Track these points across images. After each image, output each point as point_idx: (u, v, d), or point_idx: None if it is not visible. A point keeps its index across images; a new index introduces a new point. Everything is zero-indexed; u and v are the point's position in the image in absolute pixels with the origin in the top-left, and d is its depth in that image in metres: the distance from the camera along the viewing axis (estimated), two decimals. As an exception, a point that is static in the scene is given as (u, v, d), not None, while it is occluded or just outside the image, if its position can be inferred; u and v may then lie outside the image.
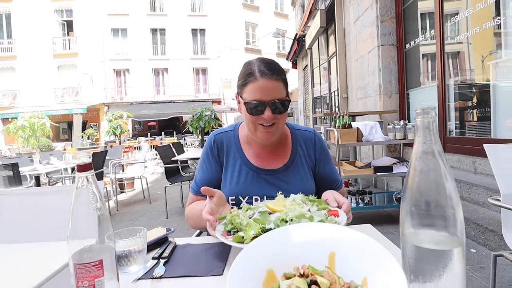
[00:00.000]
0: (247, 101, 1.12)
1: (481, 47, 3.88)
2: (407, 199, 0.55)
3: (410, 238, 0.54)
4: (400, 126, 3.37)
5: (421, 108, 0.53)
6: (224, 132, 1.30)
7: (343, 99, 7.34)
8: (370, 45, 5.52)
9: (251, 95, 1.11)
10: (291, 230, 0.67)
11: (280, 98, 1.11)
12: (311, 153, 1.29)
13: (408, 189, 0.55)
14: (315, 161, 1.29)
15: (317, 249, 0.62)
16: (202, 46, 23.63)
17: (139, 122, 24.29)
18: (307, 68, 12.81)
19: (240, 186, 1.19)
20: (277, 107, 1.11)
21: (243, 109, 1.15)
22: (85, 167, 0.67)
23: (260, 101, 1.10)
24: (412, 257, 0.54)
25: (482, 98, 3.91)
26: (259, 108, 1.10)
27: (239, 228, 0.89)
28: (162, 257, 0.90)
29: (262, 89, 1.09)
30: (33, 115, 9.48)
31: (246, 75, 1.13)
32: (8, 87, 22.03)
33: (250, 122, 1.15)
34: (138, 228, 0.90)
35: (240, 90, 1.17)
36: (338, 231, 0.64)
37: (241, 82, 1.15)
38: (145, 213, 4.87)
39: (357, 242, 0.59)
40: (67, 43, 22.61)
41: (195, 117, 6.70)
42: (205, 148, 1.29)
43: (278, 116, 1.13)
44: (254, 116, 1.12)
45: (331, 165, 1.33)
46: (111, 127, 9.77)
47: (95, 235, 0.67)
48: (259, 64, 1.13)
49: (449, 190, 0.52)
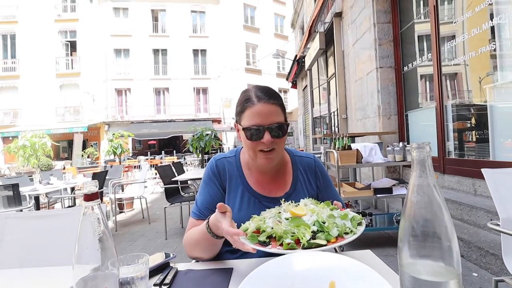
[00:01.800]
0: (245, 127, 1.13)
1: (478, 68, 3.96)
2: (404, 230, 0.57)
3: (408, 268, 0.55)
4: (399, 148, 3.40)
5: (416, 144, 0.56)
6: (226, 157, 1.30)
7: (342, 119, 7.41)
8: (368, 67, 5.64)
9: (249, 120, 1.12)
10: (291, 258, 0.68)
11: (278, 122, 1.13)
12: (312, 181, 1.30)
13: (405, 220, 0.57)
14: (317, 189, 1.30)
15: (318, 278, 0.63)
16: (203, 66, 24.03)
17: (139, 141, 24.36)
18: (306, 88, 12.99)
19: (243, 212, 1.19)
20: (276, 131, 1.12)
21: (242, 136, 1.17)
22: (91, 197, 0.69)
23: (259, 126, 1.11)
24: (409, 287, 0.55)
25: (480, 120, 3.96)
26: (258, 133, 1.11)
27: (278, 235, 0.91)
28: (164, 283, 0.91)
29: (260, 113, 1.11)
30: (34, 135, 9.54)
31: (244, 102, 1.15)
32: (10, 106, 22.22)
33: (250, 149, 1.16)
34: (140, 254, 0.90)
35: (238, 118, 1.19)
36: (338, 260, 0.65)
37: (239, 109, 1.18)
38: (144, 234, 4.82)
39: (357, 272, 0.60)
40: (70, 63, 23.00)
41: (196, 137, 6.75)
42: (206, 172, 1.28)
43: (277, 140, 1.14)
44: (253, 142, 1.13)
45: (333, 191, 1.33)
46: (112, 147, 9.81)
47: (99, 262, 0.69)
48: (255, 90, 1.16)
49: (445, 222, 0.54)
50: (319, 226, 0.91)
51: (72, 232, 0.68)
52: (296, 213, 0.99)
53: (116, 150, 9.86)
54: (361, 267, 0.61)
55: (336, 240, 0.89)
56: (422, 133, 4.92)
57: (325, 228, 0.91)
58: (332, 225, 0.92)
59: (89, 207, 0.69)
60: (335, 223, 0.93)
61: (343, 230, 0.91)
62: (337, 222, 0.94)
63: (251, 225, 0.99)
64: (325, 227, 0.91)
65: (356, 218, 0.99)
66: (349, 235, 0.91)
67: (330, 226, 0.91)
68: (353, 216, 0.99)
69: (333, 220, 0.94)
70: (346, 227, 0.92)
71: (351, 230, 0.92)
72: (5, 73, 22.38)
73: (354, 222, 0.96)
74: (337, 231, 0.90)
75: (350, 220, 0.96)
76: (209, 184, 1.25)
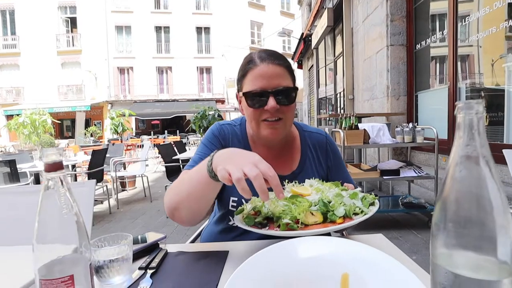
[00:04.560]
0: (246, 91, 0.99)
1: (493, 50, 3.76)
2: (442, 214, 0.44)
3: (445, 262, 0.44)
4: (409, 128, 3.26)
5: (463, 102, 0.43)
6: (230, 124, 1.14)
7: (349, 100, 7.22)
8: (378, 45, 5.40)
9: (250, 84, 0.97)
10: (295, 244, 0.57)
11: (285, 86, 0.97)
12: (322, 160, 1.15)
13: (444, 201, 0.44)
14: (327, 169, 1.15)
15: (327, 270, 0.52)
16: (206, 45, 23.57)
17: (142, 120, 24.29)
18: (312, 68, 12.70)
19: None
20: (282, 96, 0.97)
21: (244, 105, 1.02)
22: (54, 167, 0.57)
23: (262, 90, 0.96)
24: (446, 286, 0.43)
25: (495, 102, 3.79)
26: (260, 99, 0.96)
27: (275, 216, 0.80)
28: (149, 267, 0.80)
29: (263, 75, 0.96)
30: (33, 112, 9.41)
31: (245, 65, 1.01)
32: (12, 84, 22.13)
33: (253, 119, 1.01)
34: (124, 234, 0.80)
35: (239, 85, 1.04)
36: (352, 247, 0.54)
37: (240, 74, 1.03)
38: (145, 212, 4.79)
39: (377, 264, 0.49)
40: (71, 40, 22.66)
41: (199, 115, 6.62)
42: (209, 134, 1.11)
43: (284, 108, 0.98)
44: (256, 109, 0.98)
45: (345, 172, 1.19)
46: (113, 125, 9.70)
47: (66, 245, 0.58)
48: (259, 52, 1.02)
49: (498, 205, 0.41)
50: (323, 205, 0.79)
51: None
52: (299, 192, 0.88)
53: (117, 128, 9.76)
54: (380, 256, 0.50)
55: (343, 221, 0.77)
56: (432, 115, 4.75)
57: (329, 207, 0.79)
58: (338, 204, 0.80)
59: (53, 179, 0.57)
60: (342, 202, 0.81)
61: (351, 210, 0.79)
62: (345, 201, 0.82)
63: (248, 206, 0.91)
64: (329, 206, 0.80)
65: (367, 197, 0.86)
66: (359, 216, 0.79)
67: (336, 205, 0.80)
68: (364, 195, 0.87)
69: (340, 199, 0.82)
70: (356, 207, 0.80)
71: (361, 211, 0.80)
72: (6, 50, 22.17)
73: (366, 202, 0.84)
74: (343, 211, 0.78)
75: (360, 199, 0.84)
76: (209, 147, 1.08)
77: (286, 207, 0.80)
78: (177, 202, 0.88)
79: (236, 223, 0.85)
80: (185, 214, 0.90)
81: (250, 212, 0.89)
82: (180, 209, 0.88)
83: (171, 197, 0.90)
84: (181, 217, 0.91)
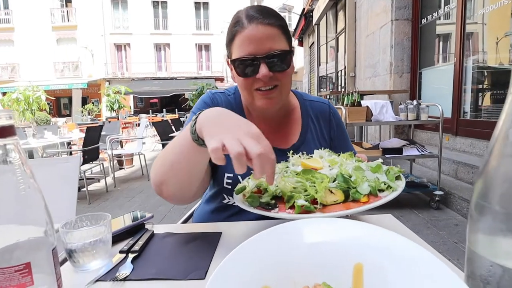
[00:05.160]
0: (234, 58, 0.86)
1: (499, 27, 3.60)
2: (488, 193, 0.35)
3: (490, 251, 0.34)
4: (413, 106, 3.14)
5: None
6: (223, 93, 1.03)
7: (350, 78, 7.04)
8: (383, 19, 5.18)
9: (239, 50, 0.84)
10: (297, 226, 0.47)
11: (278, 49, 0.84)
12: (324, 130, 1.05)
13: (490, 179, 0.35)
14: (330, 141, 1.06)
15: (336, 259, 0.42)
16: (205, 21, 22.95)
17: (141, 99, 24.00)
18: (313, 45, 12.38)
19: None
20: (275, 61, 0.84)
21: (235, 73, 0.90)
22: (4, 131, 0.47)
23: (251, 56, 0.83)
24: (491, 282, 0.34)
25: (501, 80, 3.66)
26: (251, 66, 0.84)
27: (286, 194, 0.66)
28: (132, 251, 0.71)
29: (252, 38, 0.82)
30: (27, 88, 9.16)
31: (232, 26, 0.87)
32: (7, 61, 21.68)
33: (244, 89, 0.89)
34: (102, 214, 0.70)
35: (228, 51, 0.90)
36: (365, 231, 0.44)
37: (228, 38, 0.89)
38: (142, 190, 4.74)
39: (397, 251, 0.39)
40: (66, 15, 22.02)
41: (196, 93, 6.46)
42: (200, 102, 1.01)
43: (279, 75, 0.86)
44: (247, 78, 0.86)
45: (348, 145, 1.09)
46: (109, 102, 9.50)
47: (23, 227, 0.48)
48: (247, 10, 0.87)
49: None
50: (344, 181, 0.66)
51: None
52: (310, 165, 0.74)
53: (113, 105, 9.58)
54: (400, 242, 0.40)
55: (369, 200, 0.64)
56: (436, 93, 4.61)
57: (351, 183, 0.66)
58: (361, 180, 0.67)
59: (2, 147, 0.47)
60: (365, 177, 0.68)
61: (377, 186, 0.67)
62: (367, 175, 0.69)
63: (250, 183, 0.75)
64: (351, 182, 0.66)
65: (392, 170, 0.73)
66: (386, 192, 0.67)
67: (358, 180, 0.67)
68: (388, 168, 0.74)
69: (361, 173, 0.69)
70: (381, 182, 0.68)
71: (388, 186, 0.68)
72: (0, 25, 21.54)
73: (391, 175, 0.71)
74: (368, 187, 0.66)
75: (385, 173, 0.72)
76: None
77: (299, 184, 0.67)
78: (162, 174, 0.76)
79: (237, 204, 0.72)
80: (172, 189, 0.77)
81: (253, 190, 0.74)
82: (167, 183, 0.76)
83: (156, 170, 0.77)
84: (169, 193, 0.78)
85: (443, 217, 3.00)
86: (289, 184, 0.67)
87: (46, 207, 0.50)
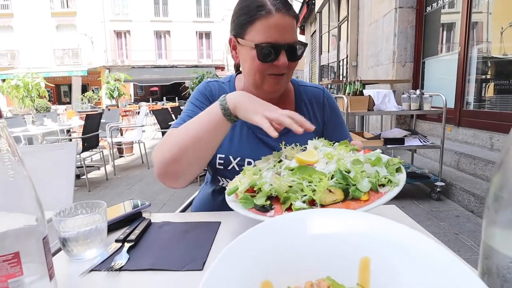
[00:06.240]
0: (258, 43, 0.86)
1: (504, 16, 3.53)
2: (506, 184, 0.32)
3: (511, 246, 0.32)
4: (416, 95, 3.09)
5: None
6: (217, 81, 1.06)
7: (352, 67, 6.96)
8: (386, 7, 5.08)
9: (263, 35, 0.86)
10: (300, 218, 0.45)
11: (298, 41, 0.89)
12: (318, 114, 1.05)
13: (509, 169, 0.32)
14: (323, 125, 1.05)
15: (342, 252, 0.40)
16: (206, 8, 22.63)
17: (141, 87, 23.86)
18: (315, 34, 12.22)
19: (234, 144, 0.97)
20: (293, 52, 0.89)
21: (247, 54, 0.89)
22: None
23: (276, 44, 0.86)
24: (510, 279, 0.31)
25: (506, 71, 3.60)
26: (273, 53, 0.86)
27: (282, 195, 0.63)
28: (128, 240, 0.69)
29: (278, 27, 0.85)
30: (26, 75, 9.08)
31: (255, 9, 0.86)
32: (7, 47, 21.48)
33: (257, 72, 0.90)
34: (98, 202, 0.68)
35: (241, 31, 0.89)
36: (372, 223, 0.42)
37: (245, 18, 0.88)
38: (142, 178, 4.74)
39: (409, 245, 0.37)
40: (65, 1, 21.70)
41: (196, 81, 6.40)
42: (196, 92, 1.04)
43: (291, 64, 0.91)
44: (265, 63, 0.88)
45: (343, 129, 1.08)
46: (108, 89, 9.43)
47: (11, 215, 0.46)
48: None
49: None
50: (342, 178, 0.62)
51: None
52: (305, 160, 0.71)
53: (113, 92, 9.50)
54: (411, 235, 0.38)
55: (369, 198, 0.60)
56: (439, 83, 4.56)
57: (350, 180, 0.62)
58: (361, 176, 0.63)
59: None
60: (364, 172, 0.64)
61: (377, 181, 0.63)
62: (367, 169, 0.65)
63: (243, 182, 0.72)
64: (350, 179, 0.62)
65: (392, 161, 0.69)
66: (387, 188, 0.63)
67: (357, 176, 0.62)
68: (388, 159, 0.69)
69: (360, 167, 0.65)
70: (382, 177, 0.64)
71: (389, 180, 0.63)
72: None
73: (391, 168, 0.66)
74: (369, 184, 0.61)
75: (385, 165, 0.67)
76: (197, 104, 1.00)
77: (294, 183, 0.64)
78: (177, 151, 0.80)
79: (230, 206, 0.68)
80: (183, 167, 0.82)
81: (247, 189, 0.70)
82: (180, 160, 0.80)
83: (165, 152, 0.82)
84: (176, 172, 0.82)
85: (444, 208, 2.99)
86: (285, 183, 0.64)
87: (36, 195, 0.48)
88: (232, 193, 0.72)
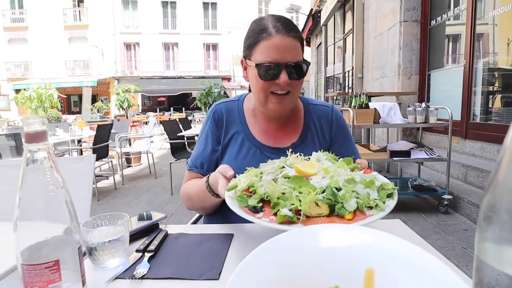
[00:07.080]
0: (259, 62, 0.93)
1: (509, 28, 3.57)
2: (495, 203, 0.36)
3: (498, 260, 0.36)
4: (422, 108, 3.13)
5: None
6: (226, 102, 1.13)
7: (357, 79, 7.02)
8: (391, 21, 5.16)
9: (264, 55, 0.93)
10: (309, 233, 0.49)
11: (298, 60, 0.94)
12: (325, 131, 1.10)
13: (499, 189, 0.36)
14: (330, 141, 1.10)
15: (348, 264, 0.44)
16: (213, 21, 23.04)
17: (148, 97, 24.18)
18: (321, 46, 12.34)
19: (239, 162, 1.01)
20: (294, 71, 0.94)
21: (252, 73, 0.97)
22: (37, 137, 0.50)
23: (275, 63, 0.92)
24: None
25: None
26: (273, 72, 0.93)
27: (273, 200, 0.66)
28: (148, 250, 0.74)
29: (278, 47, 0.92)
30: (40, 86, 9.32)
31: (258, 32, 0.94)
32: (20, 58, 22.09)
33: (261, 90, 0.97)
34: (120, 214, 0.74)
35: (248, 52, 0.98)
36: (377, 237, 0.46)
37: (251, 41, 0.96)
38: (150, 188, 4.80)
39: (409, 260, 0.41)
40: (78, 14, 22.37)
41: (204, 92, 6.51)
42: (206, 119, 1.13)
43: (294, 82, 0.96)
44: (267, 82, 0.94)
45: (351, 146, 1.12)
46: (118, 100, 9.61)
47: (52, 226, 0.51)
48: (272, 19, 0.96)
49: None
50: (331, 194, 0.65)
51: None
52: (303, 171, 0.74)
53: (122, 103, 9.68)
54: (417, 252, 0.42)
55: (353, 218, 0.63)
56: (445, 95, 4.58)
57: (339, 198, 0.65)
58: (350, 195, 0.65)
59: (36, 151, 0.50)
60: (355, 192, 0.67)
61: (365, 203, 0.65)
62: (358, 190, 0.67)
63: (242, 181, 0.75)
64: (339, 196, 0.65)
65: (386, 186, 0.71)
66: (373, 211, 0.65)
67: (346, 195, 0.65)
68: (382, 183, 0.72)
69: (352, 186, 0.68)
70: (371, 200, 0.66)
71: (376, 204, 0.65)
72: (14, 24, 22.07)
73: (383, 192, 0.68)
74: (355, 204, 0.64)
75: (377, 189, 0.69)
76: (205, 136, 1.10)
77: (287, 190, 0.67)
78: (190, 205, 1.08)
79: (226, 201, 0.72)
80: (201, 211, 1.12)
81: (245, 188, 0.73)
82: (194, 208, 1.09)
83: (183, 201, 1.10)
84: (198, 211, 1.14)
85: (452, 222, 2.98)
86: (278, 189, 0.67)
87: (73, 206, 0.53)
88: (231, 190, 0.76)
